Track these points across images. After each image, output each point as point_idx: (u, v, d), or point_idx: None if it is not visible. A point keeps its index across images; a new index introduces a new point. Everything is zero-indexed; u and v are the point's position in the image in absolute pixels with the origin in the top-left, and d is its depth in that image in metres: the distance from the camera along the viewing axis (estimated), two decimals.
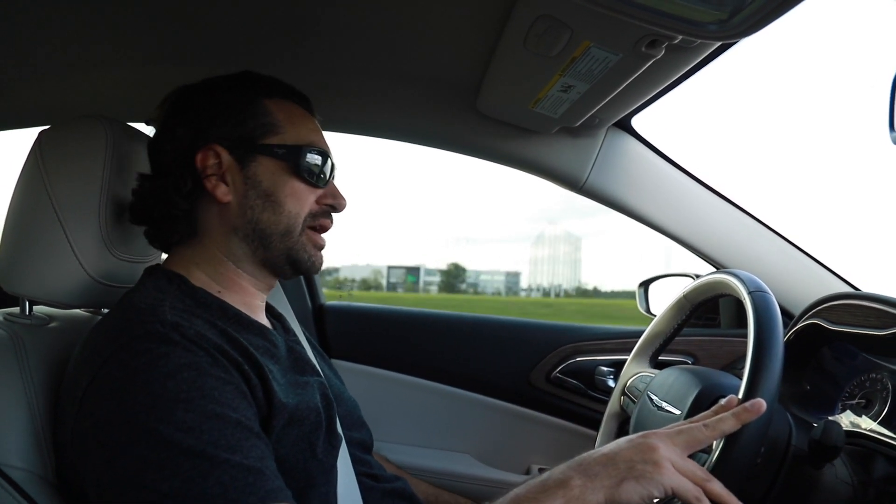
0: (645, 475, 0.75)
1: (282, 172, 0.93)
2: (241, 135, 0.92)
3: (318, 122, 1.02)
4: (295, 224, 0.93)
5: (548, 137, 1.41)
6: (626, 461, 0.77)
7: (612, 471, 0.76)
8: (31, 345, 0.87)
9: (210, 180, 0.91)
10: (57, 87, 1.41)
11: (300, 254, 0.95)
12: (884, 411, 0.99)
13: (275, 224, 0.93)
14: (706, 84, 8.59)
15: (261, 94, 0.95)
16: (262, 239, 0.93)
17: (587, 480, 0.76)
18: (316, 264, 0.97)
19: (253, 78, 0.97)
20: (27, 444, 0.81)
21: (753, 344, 0.85)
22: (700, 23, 0.78)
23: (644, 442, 0.79)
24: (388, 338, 1.83)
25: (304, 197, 0.94)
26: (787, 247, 1.48)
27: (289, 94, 0.98)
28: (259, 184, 0.92)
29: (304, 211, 0.94)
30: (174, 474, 0.69)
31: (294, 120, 0.96)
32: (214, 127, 0.92)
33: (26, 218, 0.92)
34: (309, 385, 0.92)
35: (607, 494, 0.75)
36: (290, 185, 0.93)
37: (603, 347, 1.69)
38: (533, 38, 0.97)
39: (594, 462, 0.78)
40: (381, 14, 1.10)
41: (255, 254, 0.94)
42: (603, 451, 0.80)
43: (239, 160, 0.92)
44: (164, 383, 0.73)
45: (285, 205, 0.93)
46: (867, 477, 0.92)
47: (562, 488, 0.75)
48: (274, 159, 0.93)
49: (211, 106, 0.94)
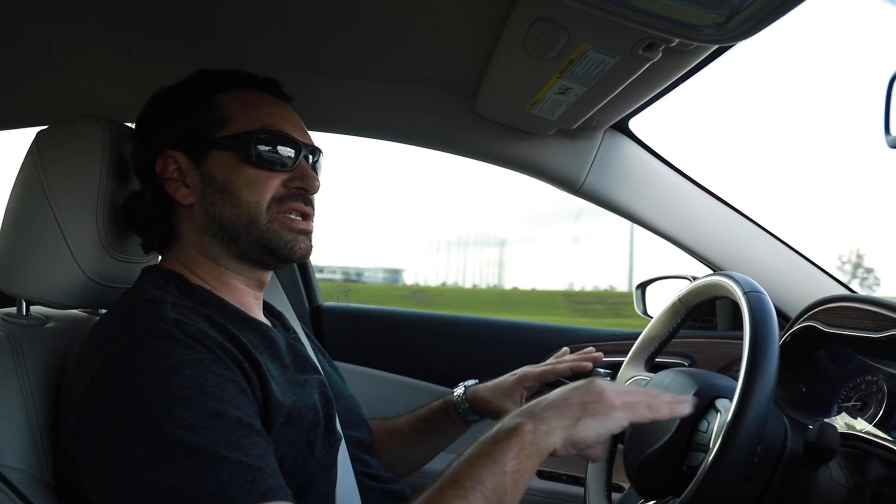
0: (599, 411, 0.77)
1: (234, 163, 0.92)
2: (191, 134, 0.92)
3: (292, 105, 1.00)
4: (256, 213, 0.91)
5: (545, 139, 1.41)
6: (578, 403, 0.79)
7: (565, 412, 0.78)
8: (28, 345, 0.87)
9: (171, 185, 0.92)
10: (55, 87, 1.40)
11: (274, 241, 0.92)
12: (879, 413, 0.99)
13: (237, 217, 0.91)
14: (703, 87, 8.64)
15: (212, 89, 0.95)
16: (230, 234, 0.92)
17: (539, 424, 0.76)
18: (296, 249, 0.94)
19: (205, 75, 0.97)
20: (24, 444, 0.81)
21: (749, 345, 0.85)
22: (697, 26, 0.78)
23: (591, 385, 0.81)
24: (385, 339, 1.83)
25: (262, 183, 0.92)
26: (783, 249, 1.49)
27: (248, 83, 0.97)
28: (214, 179, 0.92)
29: (265, 198, 0.92)
30: (173, 471, 0.69)
31: (246, 107, 0.94)
32: (165, 133, 0.93)
33: (23, 218, 0.92)
34: (308, 383, 0.92)
35: (565, 435, 0.76)
36: (244, 174, 0.91)
37: (599, 349, 1.69)
38: (531, 40, 0.97)
39: (545, 407, 0.79)
40: (378, 15, 1.10)
41: (228, 250, 0.94)
42: (550, 397, 0.81)
43: (194, 160, 0.92)
44: (166, 380, 0.73)
45: (241, 195, 0.91)
46: (862, 479, 0.92)
47: (514, 437, 0.75)
48: (225, 151, 0.92)
49: (161, 113, 0.95)
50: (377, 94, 1.39)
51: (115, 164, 0.95)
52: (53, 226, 0.90)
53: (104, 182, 0.93)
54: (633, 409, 0.79)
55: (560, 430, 0.76)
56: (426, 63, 1.27)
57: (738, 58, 1.21)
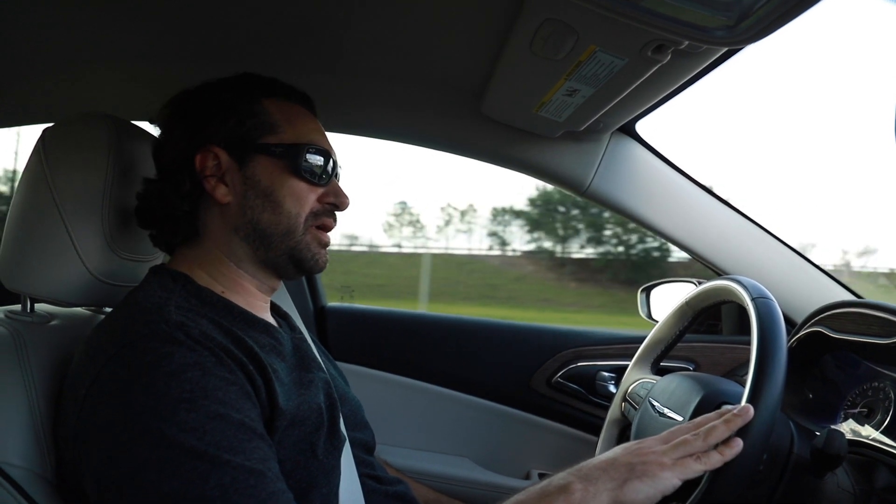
0: (647, 473, 0.77)
1: (280, 172, 0.92)
2: (239, 135, 0.92)
3: (321, 122, 1.01)
4: (296, 224, 0.93)
5: (552, 141, 1.41)
6: (626, 464, 0.79)
7: (613, 474, 0.78)
8: (32, 343, 0.87)
9: (209, 181, 0.92)
10: (61, 85, 1.41)
11: (303, 253, 0.94)
12: (886, 420, 0.98)
13: (275, 224, 0.92)
14: (711, 89, 8.56)
15: (260, 94, 0.95)
16: (263, 239, 0.93)
17: (588, 485, 0.77)
18: (319, 263, 0.96)
19: (252, 79, 0.97)
20: (27, 442, 0.81)
21: (757, 351, 0.85)
22: (707, 28, 0.77)
23: (640, 447, 0.81)
24: (389, 340, 1.83)
25: (303, 196, 0.94)
26: (790, 254, 1.48)
27: (289, 95, 0.98)
28: (258, 184, 0.92)
29: (305, 211, 0.94)
30: (174, 475, 0.69)
31: (293, 119, 0.96)
32: (212, 128, 0.92)
33: (29, 215, 0.92)
34: (314, 383, 0.92)
35: (612, 497, 0.76)
36: (289, 184, 0.93)
37: (604, 353, 1.69)
38: (539, 41, 0.97)
39: (594, 468, 0.80)
40: (386, 16, 1.10)
41: (256, 254, 0.94)
42: (601, 458, 0.81)
43: (238, 160, 0.92)
44: (168, 383, 0.73)
45: (284, 204, 0.92)
46: (869, 486, 0.92)
47: (563, 493, 0.76)
48: (272, 158, 0.92)
49: (208, 107, 0.94)
50: (384, 94, 1.39)
51: (121, 162, 0.95)
52: (59, 223, 0.90)
53: (110, 179, 0.93)
54: (682, 467, 0.78)
55: (606, 493, 0.76)
56: (433, 64, 1.27)
57: (746, 61, 1.21)
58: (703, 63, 1.01)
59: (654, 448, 0.80)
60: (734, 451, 0.78)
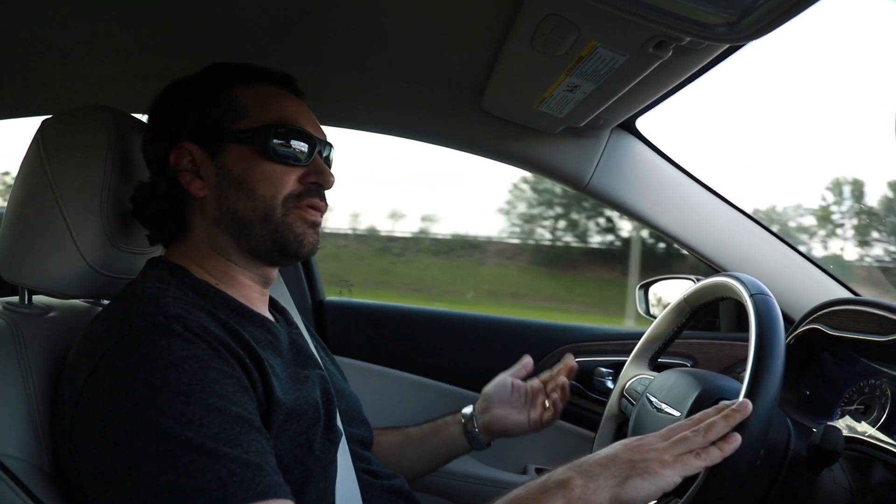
0: (648, 470, 0.77)
1: (251, 157, 0.91)
2: (207, 127, 0.92)
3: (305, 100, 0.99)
4: (272, 206, 0.91)
5: (552, 137, 1.41)
6: (627, 461, 0.79)
7: (613, 471, 0.78)
8: (30, 335, 0.87)
9: (184, 177, 0.92)
10: (60, 76, 1.40)
11: (286, 234, 0.92)
12: (882, 417, 0.98)
13: (252, 210, 0.91)
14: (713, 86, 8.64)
15: (228, 82, 0.94)
16: (243, 228, 0.92)
17: (588, 481, 0.77)
18: (305, 244, 0.93)
19: (221, 68, 0.96)
20: (24, 433, 0.81)
21: (755, 347, 0.85)
22: (709, 24, 0.77)
23: (640, 443, 0.81)
24: (387, 334, 1.83)
25: (279, 178, 0.91)
26: (788, 251, 1.48)
27: (263, 78, 0.96)
28: (230, 173, 0.91)
29: (282, 193, 0.91)
30: (172, 467, 0.69)
31: (262, 101, 0.93)
32: (181, 124, 0.92)
33: (28, 207, 0.92)
34: (310, 379, 0.92)
35: (612, 493, 0.76)
36: (261, 168, 0.91)
37: (602, 348, 1.69)
38: (540, 37, 0.97)
39: (594, 464, 0.79)
40: (387, 11, 1.09)
41: (239, 245, 0.93)
42: (601, 453, 0.81)
43: (210, 153, 0.92)
44: (166, 375, 0.73)
45: (258, 189, 0.91)
46: (865, 483, 0.92)
47: (562, 489, 0.76)
48: (241, 145, 0.91)
49: (177, 104, 0.94)
50: (384, 89, 1.39)
51: (120, 154, 0.94)
52: (57, 215, 0.90)
53: (108, 172, 0.93)
54: (682, 463, 0.77)
55: (607, 489, 0.76)
56: (434, 59, 1.26)
57: (747, 57, 1.20)
58: (705, 60, 1.01)
59: (654, 445, 0.80)
60: (733, 446, 0.78)
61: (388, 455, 1.20)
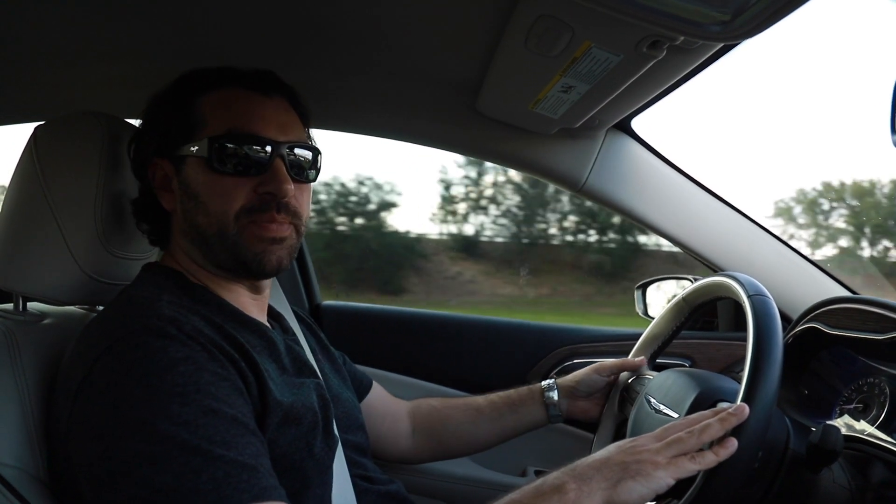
0: (641, 472, 0.77)
1: (204, 170, 0.88)
2: (170, 142, 0.91)
3: (278, 100, 0.94)
4: (224, 223, 0.87)
5: (547, 138, 1.41)
6: (620, 463, 0.79)
7: (607, 473, 0.78)
8: (24, 342, 0.86)
9: (159, 192, 0.92)
10: (53, 82, 1.40)
11: (243, 253, 0.88)
12: (881, 416, 0.98)
13: (207, 226, 0.89)
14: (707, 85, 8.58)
15: (194, 92, 0.92)
16: (204, 242, 0.90)
17: (582, 484, 0.77)
18: (265, 262, 0.88)
19: (188, 78, 0.94)
20: (19, 441, 0.80)
21: (753, 348, 0.85)
22: (702, 24, 0.77)
23: (633, 445, 0.81)
24: (384, 338, 1.82)
25: (229, 192, 0.87)
26: (785, 250, 1.48)
27: (230, 80, 0.92)
28: (188, 187, 0.90)
29: (233, 207, 0.87)
30: (167, 469, 0.68)
31: (219, 108, 0.90)
32: (152, 141, 0.92)
33: (21, 213, 0.91)
34: (305, 386, 0.91)
35: (605, 496, 0.76)
36: (212, 181, 0.88)
37: (600, 349, 1.69)
38: (534, 37, 0.96)
39: (588, 467, 0.80)
40: (380, 13, 1.09)
41: (206, 257, 0.92)
42: (595, 457, 0.81)
43: (175, 167, 0.91)
44: (161, 377, 0.73)
45: (210, 204, 0.88)
46: (865, 482, 0.92)
47: (557, 493, 0.76)
48: (196, 158, 0.89)
49: (148, 120, 0.95)
50: (378, 91, 1.39)
51: (113, 160, 0.94)
52: (51, 221, 0.89)
53: (102, 177, 0.92)
54: (676, 466, 0.78)
55: (600, 492, 0.76)
56: (428, 61, 1.26)
57: (742, 56, 1.20)
58: (699, 59, 1.01)
59: (647, 446, 0.80)
60: (729, 451, 0.78)
61: (460, 429, 1.23)
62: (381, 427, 1.23)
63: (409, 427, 1.26)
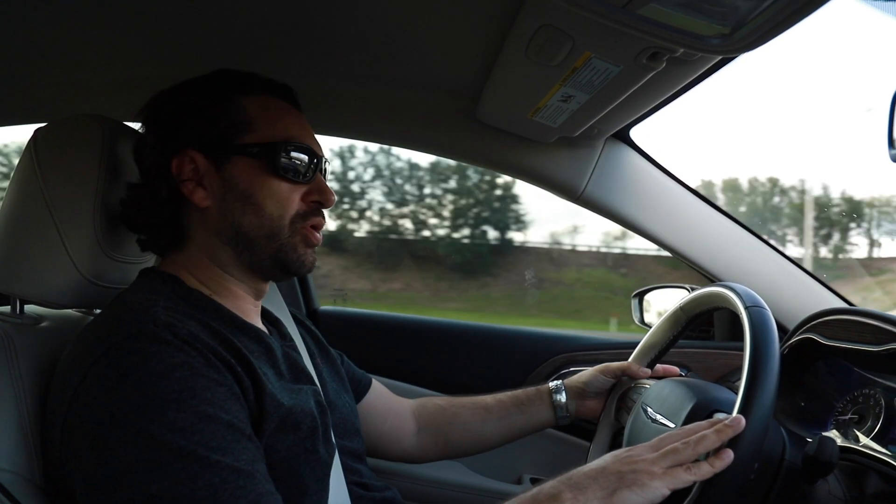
0: (636, 482, 0.77)
1: (258, 172, 0.90)
2: (214, 136, 0.90)
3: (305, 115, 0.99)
4: (279, 226, 0.91)
5: (546, 147, 1.41)
6: (615, 472, 0.79)
7: (602, 483, 0.78)
8: (21, 345, 0.86)
9: (187, 185, 0.90)
10: (53, 85, 1.40)
11: (289, 255, 0.92)
12: (877, 427, 0.99)
13: (258, 227, 0.90)
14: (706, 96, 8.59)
15: (234, 91, 0.93)
16: (247, 243, 0.91)
17: (578, 493, 0.77)
18: (306, 264, 0.94)
19: (226, 76, 0.95)
20: (15, 445, 0.80)
21: (749, 360, 0.85)
22: (702, 36, 0.78)
23: (629, 454, 0.81)
24: (381, 344, 1.82)
25: (285, 197, 0.91)
26: (782, 261, 1.49)
27: (267, 89, 0.95)
28: (236, 186, 0.90)
29: (289, 212, 0.91)
30: (163, 475, 0.68)
31: (270, 115, 0.93)
32: (186, 131, 0.91)
33: (20, 216, 0.91)
34: (303, 392, 0.91)
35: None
36: (269, 185, 0.90)
37: (597, 358, 1.68)
38: (534, 47, 0.97)
39: (584, 476, 0.80)
40: (381, 20, 1.09)
41: (240, 258, 0.92)
42: (591, 466, 0.82)
43: (215, 163, 0.90)
44: (156, 382, 0.72)
45: (265, 207, 0.90)
46: (860, 493, 0.92)
47: (553, 502, 0.77)
48: (249, 158, 0.90)
49: (182, 109, 0.92)
50: (379, 99, 1.39)
51: (113, 163, 0.94)
52: (49, 224, 0.89)
53: (101, 181, 0.92)
54: (671, 476, 0.78)
55: (596, 501, 0.76)
56: (428, 69, 1.27)
57: (741, 68, 1.21)
58: (698, 71, 1.01)
59: (643, 456, 0.80)
60: (724, 462, 0.78)
61: (468, 428, 1.23)
62: (384, 425, 1.23)
63: (414, 426, 1.25)
